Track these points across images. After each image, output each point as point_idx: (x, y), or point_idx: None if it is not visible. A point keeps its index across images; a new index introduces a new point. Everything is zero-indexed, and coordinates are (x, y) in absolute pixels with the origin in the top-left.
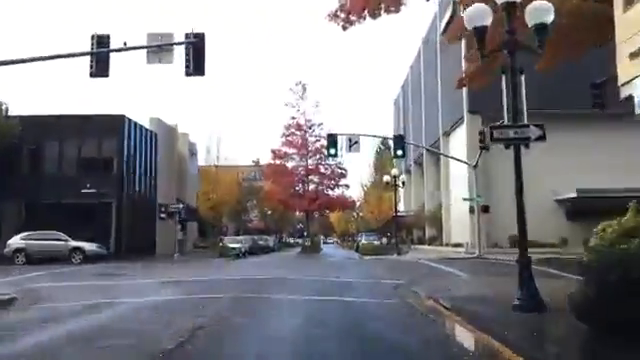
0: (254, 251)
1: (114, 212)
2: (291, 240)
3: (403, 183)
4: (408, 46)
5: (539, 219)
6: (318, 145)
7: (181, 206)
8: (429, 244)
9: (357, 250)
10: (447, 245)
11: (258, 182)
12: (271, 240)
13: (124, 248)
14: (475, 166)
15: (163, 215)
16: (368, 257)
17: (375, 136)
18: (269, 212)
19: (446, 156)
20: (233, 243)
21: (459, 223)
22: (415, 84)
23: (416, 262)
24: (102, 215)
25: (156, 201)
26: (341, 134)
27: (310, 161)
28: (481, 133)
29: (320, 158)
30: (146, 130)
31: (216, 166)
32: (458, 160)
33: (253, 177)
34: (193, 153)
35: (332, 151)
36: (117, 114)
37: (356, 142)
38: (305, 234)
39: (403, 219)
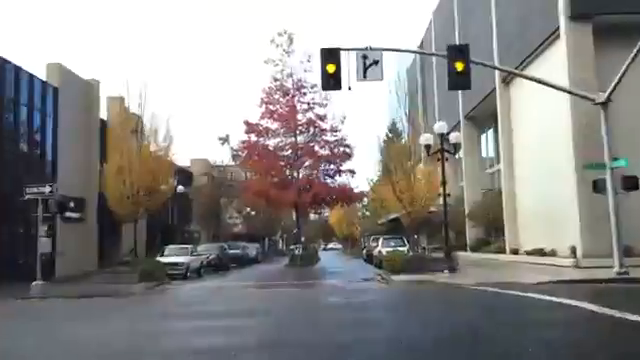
0: (223, 264)
1: None
2: (291, 247)
3: (456, 148)
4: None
5: None
6: (311, 115)
7: (47, 190)
8: (474, 250)
9: (369, 260)
10: (514, 252)
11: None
12: (253, 248)
13: None
14: (605, 102)
15: (73, 214)
16: (401, 278)
17: (403, 51)
18: (252, 212)
19: (554, 87)
20: (174, 256)
21: (538, 217)
22: (442, 33)
23: (551, 301)
24: None
25: (55, 195)
26: (347, 49)
27: (301, 138)
28: None
29: (314, 133)
30: (31, 77)
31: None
32: (569, 92)
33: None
34: (135, 129)
35: (330, 74)
36: None
37: (376, 62)
38: (302, 239)
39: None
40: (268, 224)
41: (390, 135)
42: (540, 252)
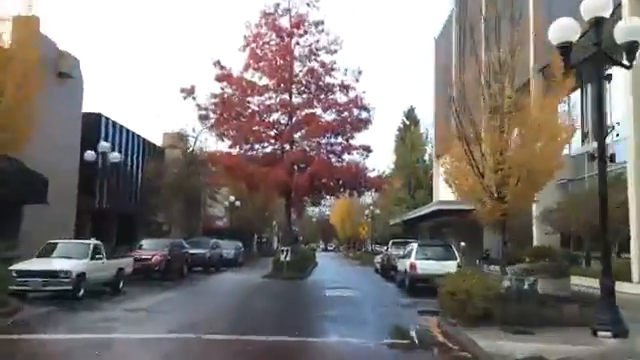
0: (173, 270)
1: None
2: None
3: (630, 53)
4: None
5: None
6: (314, 65)
7: None
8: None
9: (384, 274)
10: None
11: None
12: (232, 247)
13: None
14: None
15: None
16: (504, 348)
17: None
18: (236, 202)
19: None
20: (60, 258)
21: None
22: None
23: None
24: None
25: None
26: None
27: (298, 100)
28: None
29: (317, 90)
30: None
31: None
32: None
33: None
34: (64, 72)
35: None
36: None
37: None
38: (298, 239)
39: (455, 216)
40: (259, 218)
41: (407, 122)
42: None
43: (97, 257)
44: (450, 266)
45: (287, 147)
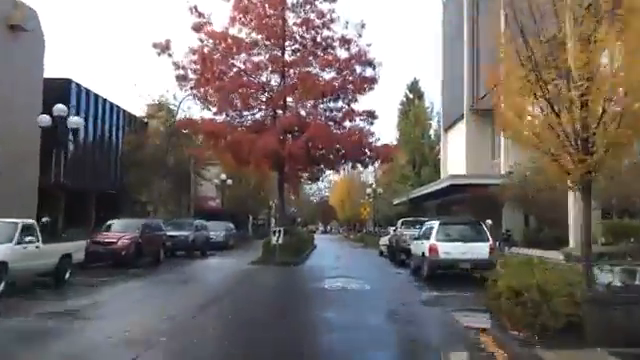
0: (145, 254)
1: None
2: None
3: None
4: None
5: None
6: (311, 15)
7: None
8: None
9: (391, 257)
10: None
11: None
12: (221, 229)
13: None
14: None
15: None
16: None
17: None
18: (226, 180)
19: None
20: None
21: None
22: None
23: None
24: None
25: None
26: None
27: (291, 58)
28: None
29: (314, 45)
30: None
31: None
32: None
33: None
34: (17, 25)
35: None
36: None
37: None
38: (295, 220)
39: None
40: (254, 198)
41: (410, 96)
42: None
43: (28, 241)
44: (481, 249)
45: (279, 112)
